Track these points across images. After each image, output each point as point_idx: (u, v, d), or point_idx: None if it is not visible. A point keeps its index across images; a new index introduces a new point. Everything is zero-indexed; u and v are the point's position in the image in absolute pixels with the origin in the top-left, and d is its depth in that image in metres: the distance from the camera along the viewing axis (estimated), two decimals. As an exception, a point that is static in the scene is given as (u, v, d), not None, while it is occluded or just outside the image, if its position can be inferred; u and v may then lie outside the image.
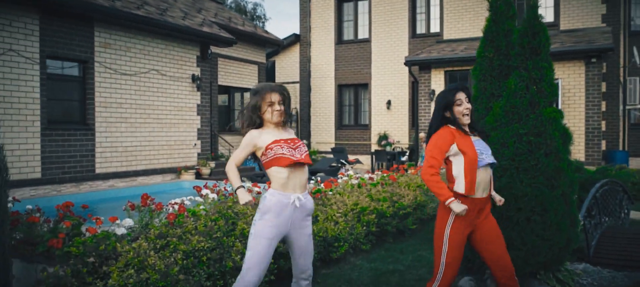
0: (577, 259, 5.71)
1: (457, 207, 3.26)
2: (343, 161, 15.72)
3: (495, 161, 3.51)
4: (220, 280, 3.98)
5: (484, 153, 3.45)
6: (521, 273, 4.08)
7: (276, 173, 3.27)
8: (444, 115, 3.48)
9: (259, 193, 6.02)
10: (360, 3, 19.50)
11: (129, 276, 3.48)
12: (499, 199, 3.61)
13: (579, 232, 4.29)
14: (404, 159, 16.53)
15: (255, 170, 13.93)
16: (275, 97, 3.35)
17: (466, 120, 3.43)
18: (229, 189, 5.71)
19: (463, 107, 3.41)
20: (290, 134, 3.45)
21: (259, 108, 3.37)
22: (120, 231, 3.98)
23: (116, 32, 10.90)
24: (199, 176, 12.45)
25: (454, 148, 3.40)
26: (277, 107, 3.34)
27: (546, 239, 3.90)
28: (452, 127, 3.46)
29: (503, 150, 4.06)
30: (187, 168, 12.30)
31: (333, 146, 19.20)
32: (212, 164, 12.91)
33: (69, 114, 10.27)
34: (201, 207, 4.78)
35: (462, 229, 3.42)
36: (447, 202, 3.29)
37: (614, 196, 6.50)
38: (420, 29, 18.60)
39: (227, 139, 15.40)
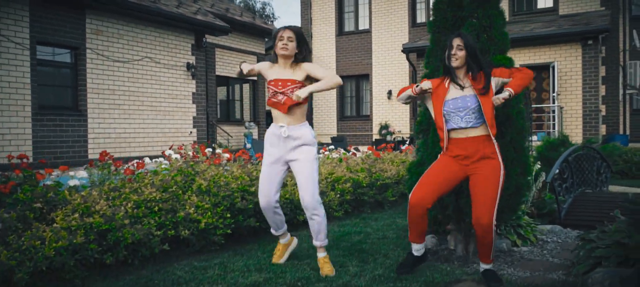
0: (548, 222, 5.67)
1: (425, 84, 3.53)
2: (343, 150, 15.73)
3: (463, 126, 3.49)
4: (171, 230, 4.01)
5: (454, 116, 3.51)
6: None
7: (270, 108, 3.80)
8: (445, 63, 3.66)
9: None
10: (360, -6, 19.53)
11: (73, 219, 3.53)
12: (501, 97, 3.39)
13: (531, 181, 4.26)
14: (404, 147, 16.47)
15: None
16: (285, 33, 3.69)
17: (454, 62, 3.55)
18: (197, 153, 5.75)
19: (450, 52, 3.57)
20: (295, 73, 3.72)
21: (275, 45, 3.73)
22: (73, 182, 4.04)
23: (108, 18, 11.03)
24: (194, 163, 12.53)
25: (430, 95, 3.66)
26: (282, 42, 3.66)
27: (494, 184, 3.87)
28: (447, 77, 3.64)
29: (454, 99, 4.04)
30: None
31: (335, 136, 19.21)
32: (209, 149, 12.95)
33: (60, 99, 10.42)
34: (163, 166, 4.83)
35: (447, 161, 3.56)
36: (414, 86, 3.58)
37: (590, 162, 6.44)
38: (421, 18, 18.57)
39: (226, 129, 15.49)
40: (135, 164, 4.51)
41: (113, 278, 3.63)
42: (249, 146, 15.22)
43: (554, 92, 13.42)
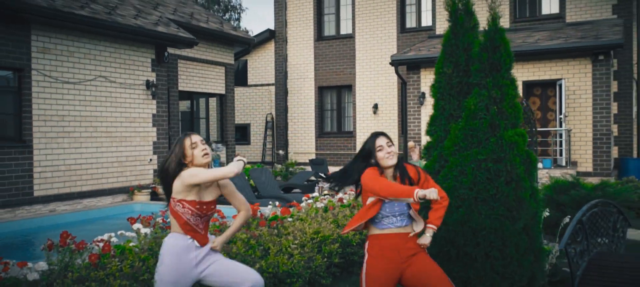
0: (561, 292, 5.85)
1: (421, 193, 3.51)
2: (322, 175, 15.83)
3: (399, 225, 3.76)
4: (145, 329, 4.06)
5: (392, 216, 3.76)
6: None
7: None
8: (368, 162, 3.88)
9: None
10: (342, -6, 19.70)
11: (36, 329, 3.56)
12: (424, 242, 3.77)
13: (545, 267, 4.42)
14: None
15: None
16: (197, 138, 3.74)
17: (389, 161, 3.80)
18: (167, 221, 5.79)
19: (384, 152, 3.80)
20: (212, 189, 3.82)
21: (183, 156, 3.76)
22: (32, 275, 4.06)
23: (57, 34, 10.96)
24: (155, 195, 12.50)
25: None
26: (201, 148, 3.72)
27: (506, 276, 4.03)
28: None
29: (461, 178, 4.19)
30: (140, 187, 12.36)
31: (313, 156, 19.31)
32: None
33: (2, 128, 10.31)
34: (132, 244, 4.86)
35: (383, 263, 3.70)
36: (415, 193, 3.47)
37: (606, 219, 6.64)
38: (410, 22, 18.81)
39: (190, 151, 15.46)
40: (101, 247, 4.53)
41: None
42: (217, 171, 15.22)
43: (560, 113, 13.74)
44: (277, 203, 8.34)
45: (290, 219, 6.93)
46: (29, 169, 10.54)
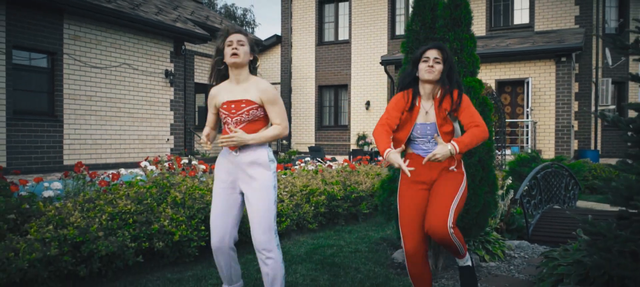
0: (517, 237, 5.85)
1: (393, 156, 2.93)
2: (320, 160, 15.85)
3: (428, 157, 3.00)
4: (146, 242, 4.07)
5: (419, 141, 3.21)
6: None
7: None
8: (412, 70, 3.27)
9: (205, 171, 6.11)
10: (340, 4, 19.72)
11: (48, 231, 3.57)
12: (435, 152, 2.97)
13: (497, 199, 4.41)
14: (380, 159, 16.68)
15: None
16: (234, 36, 3.05)
17: (429, 75, 3.15)
18: (174, 167, 5.79)
19: (425, 65, 3.16)
20: (248, 91, 3.08)
21: (221, 51, 3.10)
22: (48, 193, 4.07)
23: (87, 24, 11.00)
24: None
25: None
26: (231, 47, 3.01)
27: (462, 202, 4.01)
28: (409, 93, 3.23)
29: (425, 118, 4.19)
30: (158, 162, 12.35)
31: (312, 146, 19.32)
32: (186, 160, 12.97)
33: (36, 104, 10.34)
34: (139, 178, 4.88)
35: (411, 191, 3.20)
36: (384, 154, 2.99)
37: (558, 179, 6.64)
38: (400, 30, 18.81)
39: (204, 136, 15.48)
40: (111, 176, 4.55)
41: (86, 290, 3.67)
42: (226, 154, 15.24)
43: (528, 107, 13.73)
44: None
45: (283, 176, 6.95)
46: (59, 140, 10.56)
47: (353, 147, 18.81)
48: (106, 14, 10.95)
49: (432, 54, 3.16)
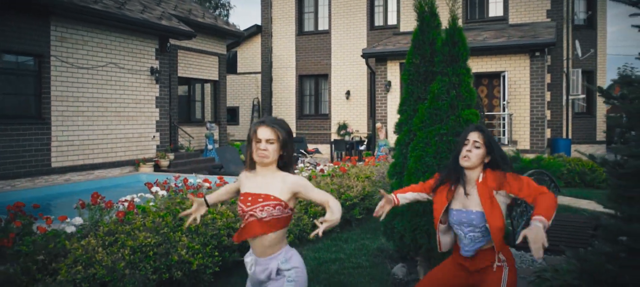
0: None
1: (385, 197, 3.06)
2: (302, 151, 16.05)
3: (467, 243, 2.94)
4: (166, 273, 4.24)
5: (457, 230, 3.00)
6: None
7: None
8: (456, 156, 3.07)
9: (209, 188, 6.27)
10: (320, -5, 19.79)
11: (77, 272, 3.72)
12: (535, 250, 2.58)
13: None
14: (362, 148, 16.97)
15: (214, 161, 14.14)
16: (263, 133, 2.67)
17: (464, 162, 2.99)
18: (179, 185, 5.95)
19: (464, 149, 3.00)
20: (272, 185, 2.69)
21: (250, 143, 2.76)
22: (70, 229, 4.19)
23: (73, 25, 10.89)
24: (157, 168, 12.58)
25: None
26: (262, 145, 2.66)
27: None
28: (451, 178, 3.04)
29: (427, 148, 4.43)
30: (145, 160, 12.41)
31: (294, 135, 19.48)
32: (171, 156, 13.06)
33: (23, 107, 10.27)
34: (151, 204, 5.02)
35: (449, 268, 3.08)
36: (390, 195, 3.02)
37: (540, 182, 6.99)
38: (378, 21, 19.00)
39: (187, 130, 15.52)
40: (126, 204, 4.68)
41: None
42: (210, 147, 15.33)
43: (504, 100, 14.12)
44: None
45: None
46: (47, 143, 10.52)
47: (334, 136, 19.05)
48: (93, 15, 10.86)
49: (473, 136, 2.98)
